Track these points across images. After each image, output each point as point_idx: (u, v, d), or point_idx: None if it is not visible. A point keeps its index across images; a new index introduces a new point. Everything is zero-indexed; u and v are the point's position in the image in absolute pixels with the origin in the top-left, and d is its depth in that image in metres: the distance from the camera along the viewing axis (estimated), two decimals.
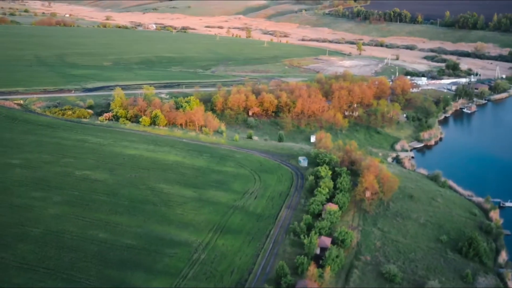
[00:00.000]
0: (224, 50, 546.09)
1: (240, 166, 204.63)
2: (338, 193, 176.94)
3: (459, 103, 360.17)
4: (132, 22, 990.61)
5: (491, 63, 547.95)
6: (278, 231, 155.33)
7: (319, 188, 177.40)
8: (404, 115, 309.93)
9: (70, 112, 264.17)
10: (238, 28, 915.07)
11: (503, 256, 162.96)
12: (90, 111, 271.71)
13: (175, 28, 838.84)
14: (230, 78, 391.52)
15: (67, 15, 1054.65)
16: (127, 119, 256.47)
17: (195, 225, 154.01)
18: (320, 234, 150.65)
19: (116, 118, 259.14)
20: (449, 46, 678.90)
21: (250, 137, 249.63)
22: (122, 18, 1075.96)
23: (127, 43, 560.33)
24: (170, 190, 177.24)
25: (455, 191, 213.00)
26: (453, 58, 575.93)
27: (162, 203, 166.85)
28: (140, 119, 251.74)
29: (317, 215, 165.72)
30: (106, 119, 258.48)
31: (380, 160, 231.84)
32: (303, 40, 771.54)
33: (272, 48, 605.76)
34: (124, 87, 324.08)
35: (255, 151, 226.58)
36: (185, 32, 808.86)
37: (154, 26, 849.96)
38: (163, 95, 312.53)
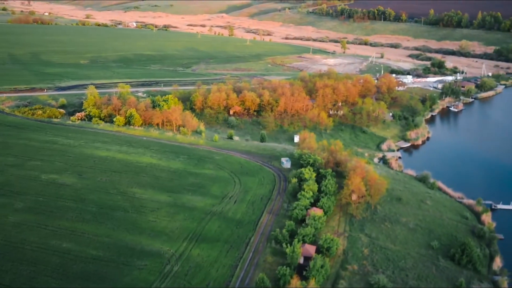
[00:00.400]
0: (206, 48, 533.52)
1: (219, 168, 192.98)
2: (322, 197, 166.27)
3: (446, 102, 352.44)
4: (112, 20, 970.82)
5: (476, 61, 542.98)
6: (258, 239, 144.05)
7: (302, 192, 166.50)
8: (390, 114, 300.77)
9: (40, 112, 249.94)
10: (220, 26, 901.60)
11: (498, 263, 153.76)
12: (62, 110, 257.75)
13: (156, 26, 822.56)
14: (211, 77, 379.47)
15: (46, 13, 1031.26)
16: (100, 119, 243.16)
17: (168, 234, 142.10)
18: (304, 242, 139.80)
19: (89, 118, 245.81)
20: (433, 44, 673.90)
21: (230, 137, 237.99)
22: (102, 17, 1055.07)
23: (105, 41, 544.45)
24: (142, 194, 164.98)
25: (445, 193, 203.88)
26: (438, 56, 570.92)
27: (133, 209, 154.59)
28: (114, 119, 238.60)
29: (301, 221, 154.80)
30: (78, 119, 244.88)
31: (367, 161, 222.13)
32: (286, 38, 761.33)
33: (254, 46, 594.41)
34: (100, 86, 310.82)
35: (236, 152, 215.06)
36: (166, 30, 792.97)
37: (134, 24, 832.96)
38: (140, 94, 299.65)
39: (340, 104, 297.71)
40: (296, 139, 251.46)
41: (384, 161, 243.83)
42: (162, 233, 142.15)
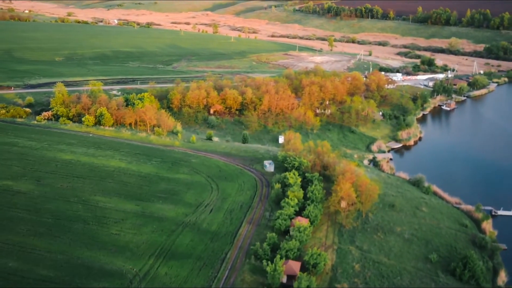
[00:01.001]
0: (188, 45, 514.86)
1: (196, 173, 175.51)
2: (309, 204, 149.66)
3: (438, 100, 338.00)
4: (94, 18, 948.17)
5: (466, 59, 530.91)
6: (236, 254, 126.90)
7: (286, 199, 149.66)
8: (380, 113, 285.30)
9: (3, 111, 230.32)
10: (205, 24, 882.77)
11: (502, 277, 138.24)
12: (27, 109, 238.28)
13: (138, 24, 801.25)
14: (192, 74, 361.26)
15: (26, 11, 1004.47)
16: (68, 119, 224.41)
17: (132, 249, 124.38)
18: (287, 258, 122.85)
19: (56, 117, 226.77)
20: (422, 42, 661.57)
21: (209, 138, 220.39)
22: (84, 15, 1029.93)
23: (83, 38, 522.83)
24: (107, 203, 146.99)
25: (441, 198, 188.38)
26: (427, 54, 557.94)
27: (94, 221, 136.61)
28: (83, 119, 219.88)
29: (284, 232, 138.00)
30: (44, 119, 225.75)
31: (356, 164, 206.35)
32: (272, 36, 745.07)
33: (239, 43, 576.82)
34: (72, 84, 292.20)
35: (215, 154, 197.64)
36: (148, 27, 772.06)
37: (115, 21, 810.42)
38: (114, 92, 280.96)
39: (327, 102, 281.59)
40: (281, 139, 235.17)
41: (375, 163, 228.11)
42: (126, 248, 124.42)
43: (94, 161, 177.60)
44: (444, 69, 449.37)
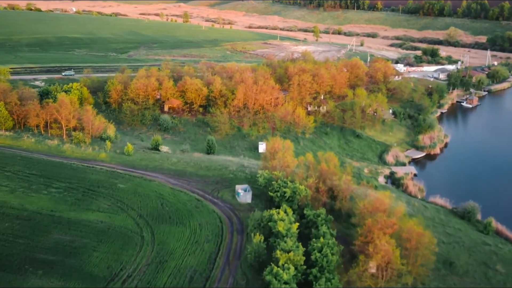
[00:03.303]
0: (151, 33, 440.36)
1: (120, 209, 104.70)
2: (316, 276, 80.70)
3: (455, 95, 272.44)
4: (56, 8, 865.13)
5: (469, 51, 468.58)
6: None
7: (275, 268, 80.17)
8: (390, 111, 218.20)
9: None
10: (177, 15, 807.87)
11: None
12: None
13: (99, 13, 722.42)
14: (150, 63, 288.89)
15: None
16: None
17: None
18: None
19: None
20: (414, 34, 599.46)
21: (156, 148, 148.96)
22: (46, 6, 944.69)
23: (25, 23, 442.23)
24: None
25: (508, 240, 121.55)
26: (423, 45, 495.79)
27: None
28: None
29: None
30: None
31: (372, 184, 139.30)
32: (250, 27, 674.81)
33: (211, 31, 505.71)
34: None
35: (159, 173, 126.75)
36: (110, 16, 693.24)
37: (73, 9, 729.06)
38: (37, 83, 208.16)
39: (322, 97, 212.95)
40: (261, 148, 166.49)
41: (394, 180, 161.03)
42: None
43: None
44: (449, 60, 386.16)
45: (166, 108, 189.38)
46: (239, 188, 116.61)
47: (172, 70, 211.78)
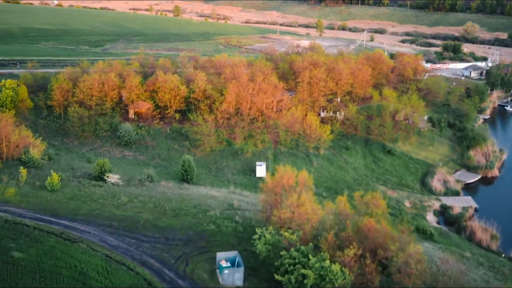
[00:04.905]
0: (134, 25, 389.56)
1: None
2: None
3: (495, 97, 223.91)
4: (42, 2, 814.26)
5: (489, 48, 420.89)
6: None
7: None
8: (425, 118, 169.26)
9: None
10: (169, 11, 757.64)
11: None
12: None
13: (84, 7, 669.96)
14: (127, 57, 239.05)
15: None
16: None
17: None
18: None
19: None
20: (425, 30, 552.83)
21: (100, 176, 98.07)
22: (33, 1, 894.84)
23: None
24: None
25: None
26: (437, 42, 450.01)
27: None
28: None
29: None
30: None
31: (427, 232, 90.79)
32: (247, 22, 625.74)
33: (203, 24, 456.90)
34: None
35: (94, 226, 76.89)
36: (95, 10, 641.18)
37: (55, 2, 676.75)
38: None
39: (338, 99, 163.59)
40: (261, 171, 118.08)
41: (449, 219, 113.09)
42: None
43: None
44: (474, 57, 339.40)
45: (131, 114, 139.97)
46: (223, 258, 67.24)
47: (143, 64, 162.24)
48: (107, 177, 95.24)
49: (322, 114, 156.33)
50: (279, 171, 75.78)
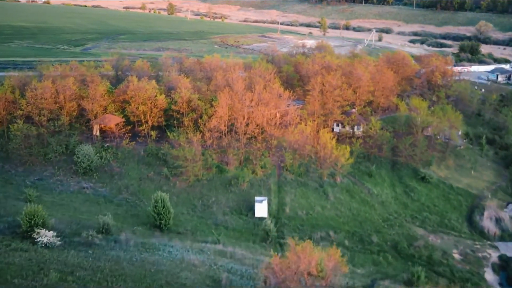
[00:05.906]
0: (122, 23, 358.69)
1: None
2: None
3: None
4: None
5: (505, 49, 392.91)
6: None
7: None
8: (459, 133, 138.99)
9: None
10: (164, 9, 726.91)
11: None
12: None
13: (75, 5, 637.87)
14: (108, 57, 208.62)
15: None
16: None
17: None
18: None
19: None
20: (433, 29, 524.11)
21: (29, 231, 67.45)
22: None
23: None
24: None
25: None
26: (447, 42, 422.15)
27: None
28: None
29: None
30: None
31: None
32: (245, 21, 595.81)
33: (198, 23, 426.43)
34: None
35: None
36: (85, 7, 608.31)
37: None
38: None
39: (355, 110, 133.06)
40: (261, 210, 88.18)
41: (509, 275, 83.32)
42: None
43: None
44: (493, 58, 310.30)
45: (95, 131, 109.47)
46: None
47: (116, 67, 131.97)
48: (37, 233, 64.89)
49: (337, 129, 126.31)
50: (292, 250, 45.63)
